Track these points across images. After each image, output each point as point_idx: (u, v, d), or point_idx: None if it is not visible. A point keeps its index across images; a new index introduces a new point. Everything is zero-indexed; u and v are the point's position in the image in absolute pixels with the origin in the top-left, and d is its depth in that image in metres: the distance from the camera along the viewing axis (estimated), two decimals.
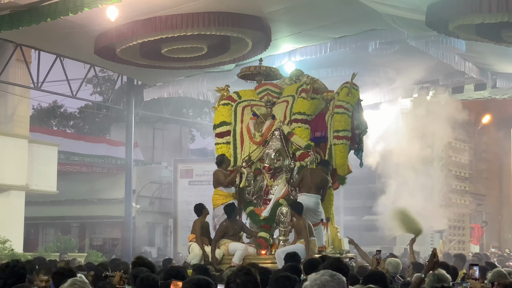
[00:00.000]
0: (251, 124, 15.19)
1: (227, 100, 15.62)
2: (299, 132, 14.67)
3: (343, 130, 14.49)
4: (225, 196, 14.67)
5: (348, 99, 14.65)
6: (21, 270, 6.89)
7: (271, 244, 14.30)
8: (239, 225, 14.50)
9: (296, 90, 15.02)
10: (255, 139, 14.99)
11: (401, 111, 28.52)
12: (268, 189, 14.83)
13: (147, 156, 36.96)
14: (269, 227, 14.44)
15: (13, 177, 24.45)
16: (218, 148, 15.45)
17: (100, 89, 38.63)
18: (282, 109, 15.01)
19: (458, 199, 31.29)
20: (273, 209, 14.38)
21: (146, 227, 34.95)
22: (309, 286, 4.35)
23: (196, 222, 14.67)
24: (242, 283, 5.69)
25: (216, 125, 15.63)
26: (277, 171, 14.70)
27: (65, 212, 33.40)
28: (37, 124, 36.78)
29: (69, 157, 31.39)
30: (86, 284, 5.82)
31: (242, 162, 14.90)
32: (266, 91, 15.48)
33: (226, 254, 14.10)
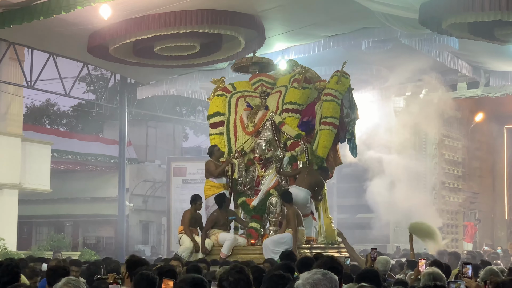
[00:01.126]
0: (244, 115, 15.25)
1: (222, 91, 15.67)
2: (289, 122, 14.73)
3: (331, 117, 14.54)
4: (216, 187, 14.72)
5: (338, 87, 14.68)
6: (15, 268, 6.89)
7: (262, 235, 14.32)
8: (230, 215, 14.50)
9: (289, 80, 15.10)
10: (247, 130, 15.05)
11: (394, 109, 28.57)
12: (259, 180, 14.89)
13: (141, 154, 36.93)
14: (260, 218, 14.47)
15: (6, 175, 24.43)
16: (212, 138, 15.51)
17: (93, 87, 38.57)
18: (275, 99, 15.09)
19: (451, 196, 31.32)
20: (263, 199, 14.44)
21: (139, 225, 34.95)
22: (301, 285, 4.35)
23: (185, 213, 14.74)
24: (235, 281, 5.71)
25: (210, 116, 15.68)
26: (268, 161, 14.75)
27: (59, 210, 33.36)
28: (30, 122, 36.76)
29: (62, 155, 31.35)
30: (80, 283, 5.81)
31: (235, 153, 14.92)
32: (260, 82, 15.54)
33: (216, 244, 14.14)
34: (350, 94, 15.19)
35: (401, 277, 11.03)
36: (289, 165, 14.63)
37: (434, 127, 30.62)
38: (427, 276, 7.95)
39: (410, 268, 12.37)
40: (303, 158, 14.52)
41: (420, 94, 27.82)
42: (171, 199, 30.91)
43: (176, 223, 29.84)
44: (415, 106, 29.07)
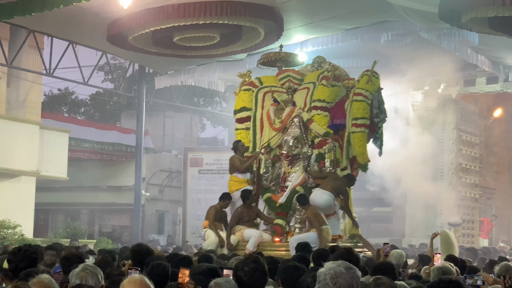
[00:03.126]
0: (271, 110, 15.12)
1: (248, 85, 15.50)
2: (318, 119, 14.57)
3: (362, 118, 14.39)
4: (240, 182, 14.63)
5: (368, 87, 14.54)
6: (33, 254, 6.92)
7: (287, 232, 14.24)
8: (254, 211, 14.44)
9: (317, 77, 14.90)
10: (274, 126, 14.93)
11: (412, 104, 28.47)
12: (285, 176, 14.78)
13: (157, 144, 36.99)
14: (286, 214, 14.38)
15: (24, 162, 24.55)
16: (238, 133, 15.36)
17: (111, 76, 38.63)
18: (303, 95, 14.91)
19: (467, 192, 31.22)
20: (290, 196, 14.33)
21: (155, 215, 35.02)
22: (322, 274, 4.34)
23: (210, 208, 14.63)
24: (250, 271, 5.73)
25: (236, 111, 15.51)
26: (295, 158, 14.63)
27: (75, 198, 33.49)
28: (49, 110, 36.86)
29: (80, 143, 31.45)
30: (97, 269, 5.85)
31: (261, 148, 14.86)
32: (287, 77, 15.41)
33: (241, 240, 14.03)
34: (380, 94, 15.07)
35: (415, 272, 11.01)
36: (316, 162, 14.51)
37: (452, 122, 30.54)
38: (437, 271, 7.95)
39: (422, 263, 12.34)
40: (331, 157, 14.39)
41: (439, 88, 27.72)
42: (187, 189, 30.97)
43: (192, 214, 30.01)
44: (433, 101, 28.99)
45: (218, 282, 5.52)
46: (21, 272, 6.37)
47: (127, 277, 5.28)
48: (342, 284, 4.26)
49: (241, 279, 5.72)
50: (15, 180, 24.75)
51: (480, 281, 7.26)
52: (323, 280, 4.32)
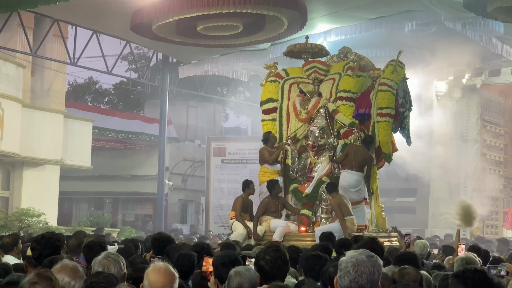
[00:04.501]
0: (297, 101, 15.11)
1: (274, 77, 15.50)
2: (343, 110, 14.53)
3: (387, 108, 14.32)
4: (271, 173, 14.63)
5: (393, 76, 14.48)
6: (56, 242, 6.93)
7: (313, 222, 14.22)
8: (281, 202, 14.44)
9: (343, 68, 14.86)
10: (300, 116, 14.92)
11: (436, 94, 28.32)
12: (312, 167, 14.76)
13: (181, 133, 37.08)
14: (312, 205, 14.38)
15: (48, 151, 24.70)
16: (264, 125, 15.37)
17: (135, 66, 38.77)
18: (329, 86, 14.88)
19: (491, 182, 31.03)
20: (316, 186, 14.31)
21: (178, 204, 35.14)
22: (344, 262, 4.33)
23: (237, 199, 14.63)
24: (272, 260, 5.72)
25: (263, 102, 15.52)
26: (321, 148, 14.59)
27: (99, 187, 33.67)
28: (73, 99, 37.01)
29: (103, 132, 31.60)
30: (119, 257, 5.86)
31: (287, 139, 14.87)
32: (313, 68, 15.36)
33: (268, 230, 14.04)
34: (405, 83, 14.98)
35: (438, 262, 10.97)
36: (341, 153, 14.49)
37: (476, 112, 30.34)
38: (460, 261, 7.91)
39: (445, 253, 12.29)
40: None
41: (463, 78, 27.54)
42: (210, 179, 31.01)
43: (215, 203, 30.05)
44: (457, 91, 28.81)
45: (238, 271, 5.51)
46: (44, 260, 6.39)
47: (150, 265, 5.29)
48: (363, 272, 4.24)
49: (263, 268, 5.71)
50: (39, 169, 24.92)
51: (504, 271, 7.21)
52: (345, 268, 4.31)
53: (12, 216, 22.37)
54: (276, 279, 5.58)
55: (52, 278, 4.39)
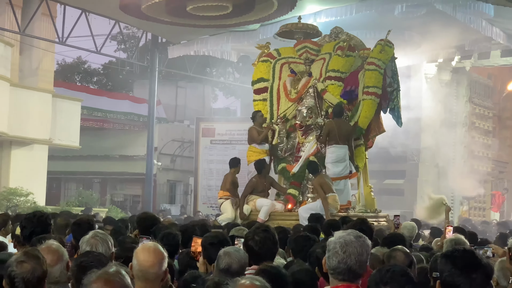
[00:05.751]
0: (288, 81, 15.15)
1: (266, 57, 15.54)
2: (332, 90, 14.56)
3: (373, 87, 14.34)
4: (259, 153, 14.65)
5: (381, 56, 14.49)
6: (47, 220, 6.95)
7: (300, 201, 14.27)
8: (269, 181, 14.45)
9: (333, 48, 14.91)
10: (290, 96, 14.96)
11: (425, 76, 28.30)
12: (300, 147, 14.81)
13: (170, 114, 37.02)
14: (299, 184, 14.42)
15: (36, 131, 24.60)
16: (255, 104, 15.42)
17: (124, 46, 38.60)
18: (319, 66, 14.93)
19: (480, 165, 31.12)
20: (303, 166, 14.36)
21: (167, 184, 35.13)
22: (332, 243, 4.34)
23: (227, 177, 14.63)
24: (261, 240, 5.72)
25: (254, 82, 15.58)
26: (309, 128, 14.62)
27: (87, 167, 33.61)
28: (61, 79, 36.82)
29: (92, 112, 31.52)
30: (107, 236, 5.86)
31: (277, 119, 14.88)
32: (304, 48, 15.41)
33: (254, 210, 14.08)
34: (393, 63, 14.99)
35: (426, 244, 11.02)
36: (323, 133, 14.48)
37: (465, 95, 30.36)
38: (449, 243, 7.95)
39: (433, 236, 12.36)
40: None
41: (452, 61, 27.52)
42: (199, 159, 30.96)
43: (203, 184, 30.03)
44: (447, 74, 28.81)
45: (227, 251, 5.51)
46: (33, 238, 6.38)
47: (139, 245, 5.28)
48: (352, 252, 4.26)
49: (252, 249, 5.72)
50: (27, 148, 24.84)
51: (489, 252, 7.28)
52: (333, 249, 4.32)
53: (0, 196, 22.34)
54: (265, 259, 5.58)
55: (40, 256, 4.38)
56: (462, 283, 3.84)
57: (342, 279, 4.32)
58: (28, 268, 4.26)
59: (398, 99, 15.04)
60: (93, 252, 5.12)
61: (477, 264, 3.88)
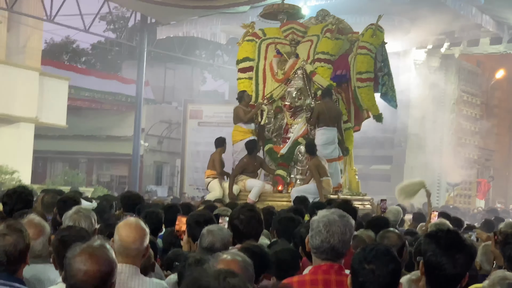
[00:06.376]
0: (274, 62, 15.08)
1: (252, 36, 15.47)
2: (321, 72, 14.53)
3: (366, 72, 14.33)
4: (244, 132, 14.57)
5: (372, 40, 14.47)
6: (28, 196, 6.87)
7: (288, 183, 14.24)
8: (259, 161, 14.42)
9: (321, 30, 14.86)
10: (277, 77, 14.90)
11: (414, 62, 28.31)
12: (288, 128, 14.76)
13: (158, 95, 36.92)
14: (287, 166, 14.38)
15: (23, 109, 24.47)
16: (240, 83, 15.33)
17: (113, 26, 38.40)
18: (306, 48, 14.89)
19: (466, 153, 31.21)
20: (292, 147, 14.32)
21: (153, 166, 35.09)
22: (315, 222, 4.32)
23: (214, 156, 14.57)
24: (246, 219, 5.69)
25: (239, 60, 15.49)
26: (297, 110, 14.59)
27: (74, 147, 33.51)
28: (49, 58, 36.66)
29: (80, 92, 31.37)
30: (90, 212, 5.82)
31: (263, 99, 14.82)
32: (291, 29, 15.35)
33: (243, 190, 14.02)
34: (384, 48, 14.96)
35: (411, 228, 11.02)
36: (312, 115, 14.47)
37: (454, 82, 30.40)
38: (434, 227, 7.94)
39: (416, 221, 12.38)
40: None
41: (441, 48, 27.51)
42: (186, 141, 30.94)
43: (190, 165, 30.01)
44: (436, 60, 28.82)
45: (210, 229, 5.47)
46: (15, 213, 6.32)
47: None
48: (335, 231, 4.24)
49: (237, 227, 5.68)
50: (13, 126, 24.70)
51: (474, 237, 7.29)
52: (316, 227, 4.30)
53: None
54: (249, 239, 5.55)
55: (22, 230, 4.33)
56: (445, 263, 3.83)
57: (325, 258, 4.31)
58: (10, 241, 4.21)
59: (390, 83, 15.02)
60: (75, 226, 5.07)
61: (461, 245, 3.87)
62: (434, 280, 3.85)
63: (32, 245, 4.54)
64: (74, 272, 3.41)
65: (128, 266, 4.55)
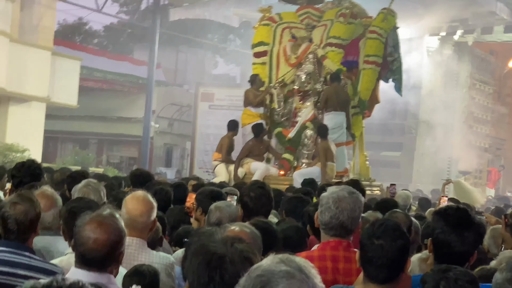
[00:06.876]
0: (288, 46, 15.08)
1: (268, 20, 15.44)
2: (332, 56, 14.50)
3: (374, 55, 14.30)
4: (253, 116, 14.59)
5: (383, 24, 14.43)
6: (37, 169, 6.86)
7: (294, 167, 14.24)
8: (265, 145, 14.42)
9: (336, 14, 14.84)
10: (290, 61, 14.89)
11: (427, 49, 28.20)
12: (296, 112, 14.75)
13: (169, 77, 36.87)
14: (294, 149, 14.39)
15: (34, 88, 24.46)
16: (254, 68, 15.35)
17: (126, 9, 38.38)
18: (320, 32, 14.87)
19: (477, 141, 31.11)
20: (299, 131, 14.33)
21: (163, 148, 35.08)
22: (325, 198, 4.32)
23: (223, 139, 14.59)
24: (256, 197, 5.68)
25: (254, 45, 15.49)
26: (307, 94, 14.59)
27: (84, 127, 33.53)
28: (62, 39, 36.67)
29: (91, 72, 31.35)
30: (99, 185, 5.83)
31: (275, 83, 14.82)
32: (306, 14, 15.34)
33: (248, 173, 14.05)
34: (395, 33, 14.92)
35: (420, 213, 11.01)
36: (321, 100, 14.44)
37: (466, 70, 30.28)
38: None
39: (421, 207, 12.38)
40: None
41: (455, 35, 27.39)
42: (196, 124, 30.89)
43: (200, 148, 30.00)
44: (449, 47, 28.70)
45: (218, 206, 5.48)
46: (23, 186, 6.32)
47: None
48: (344, 208, 4.24)
49: (247, 205, 5.67)
50: (25, 105, 24.71)
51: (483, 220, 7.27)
52: (326, 203, 4.30)
53: None
54: (259, 216, 5.54)
55: (33, 199, 4.36)
56: (453, 241, 3.82)
57: (334, 235, 4.30)
58: (21, 209, 4.24)
59: (400, 69, 14.98)
60: (84, 198, 5.09)
61: (470, 223, 3.86)
62: (442, 258, 3.85)
63: (43, 216, 4.57)
64: (84, 240, 3.43)
65: (136, 239, 4.56)
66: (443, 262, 3.79)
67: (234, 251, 2.61)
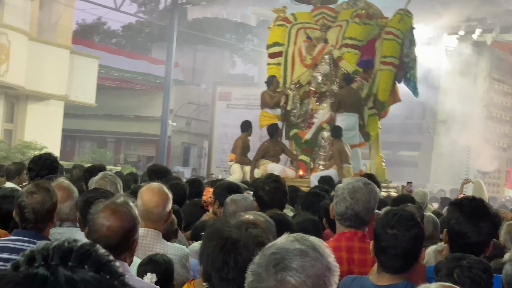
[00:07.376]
0: (303, 46, 15.02)
1: (282, 21, 15.40)
2: (348, 57, 14.44)
3: (391, 56, 14.25)
4: (270, 118, 14.56)
5: (400, 25, 14.38)
6: (53, 163, 6.89)
7: (311, 168, 14.21)
8: (280, 146, 14.41)
9: (351, 15, 14.75)
10: (305, 62, 14.83)
11: (446, 48, 28.09)
12: (313, 113, 14.71)
13: (187, 77, 36.95)
14: (311, 151, 14.34)
15: (53, 86, 24.62)
16: (269, 68, 15.29)
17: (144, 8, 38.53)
18: (336, 33, 14.80)
19: (496, 141, 30.95)
20: (316, 133, 14.29)
21: (181, 147, 35.16)
22: (340, 189, 4.31)
23: (237, 140, 14.60)
24: (271, 190, 5.68)
25: (269, 45, 15.43)
26: (323, 95, 14.54)
27: (102, 126, 33.68)
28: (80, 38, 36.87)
29: (109, 71, 31.48)
30: (116, 178, 5.85)
31: (291, 84, 14.80)
32: (321, 14, 15.27)
33: (264, 174, 14.02)
34: (412, 33, 14.88)
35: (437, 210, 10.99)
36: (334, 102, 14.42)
37: (485, 69, 30.14)
38: None
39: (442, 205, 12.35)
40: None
41: (474, 34, 27.27)
42: (214, 123, 30.96)
43: (218, 148, 30.06)
44: (468, 47, 28.57)
45: (234, 198, 5.46)
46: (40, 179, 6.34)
47: None
48: (359, 199, 4.22)
49: (262, 198, 5.67)
50: (43, 103, 24.87)
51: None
52: (341, 194, 4.29)
53: (14, 149, 22.43)
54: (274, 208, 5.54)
55: (50, 189, 4.38)
56: (469, 232, 3.80)
57: (349, 226, 4.29)
58: (38, 199, 4.25)
59: (415, 70, 14.94)
60: (100, 189, 5.10)
61: (485, 213, 3.84)
62: (457, 248, 3.82)
63: (59, 207, 4.59)
64: (97, 227, 3.44)
65: (151, 231, 4.57)
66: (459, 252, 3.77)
67: (249, 236, 2.61)
